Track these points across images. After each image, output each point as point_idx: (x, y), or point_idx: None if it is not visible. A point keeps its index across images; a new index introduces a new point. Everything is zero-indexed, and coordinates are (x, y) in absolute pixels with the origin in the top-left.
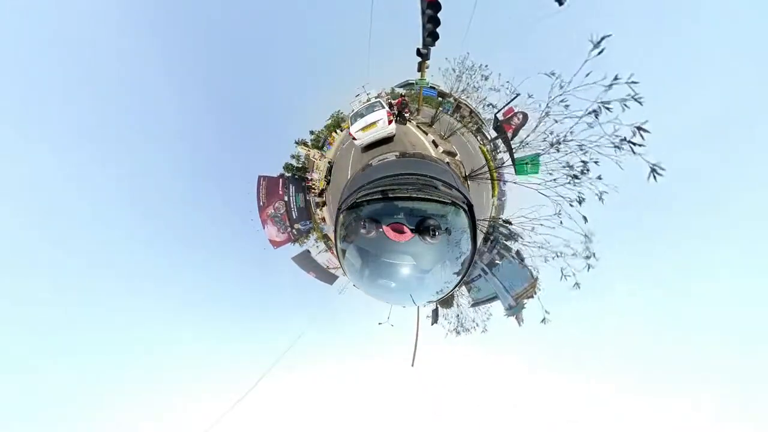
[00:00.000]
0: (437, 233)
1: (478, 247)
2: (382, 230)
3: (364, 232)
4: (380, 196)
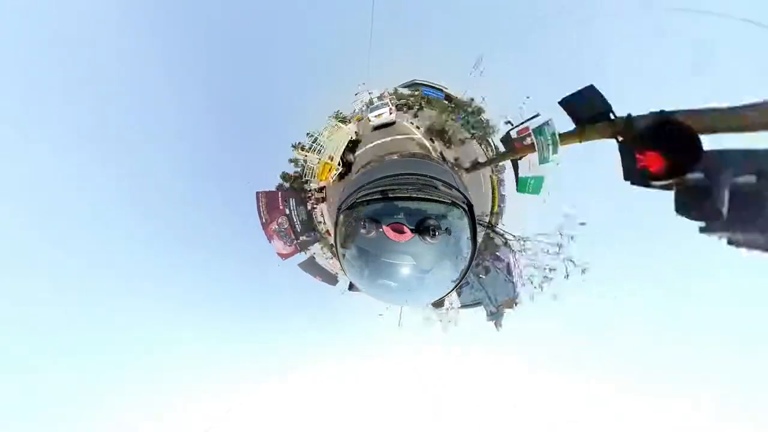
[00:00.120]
0: (437, 233)
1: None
2: (382, 230)
3: (364, 232)
4: (380, 196)
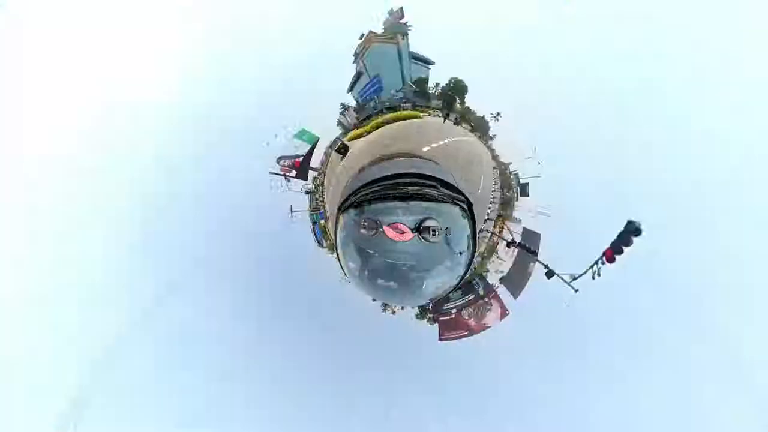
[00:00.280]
0: (437, 233)
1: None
2: (382, 230)
3: (364, 232)
4: (380, 196)
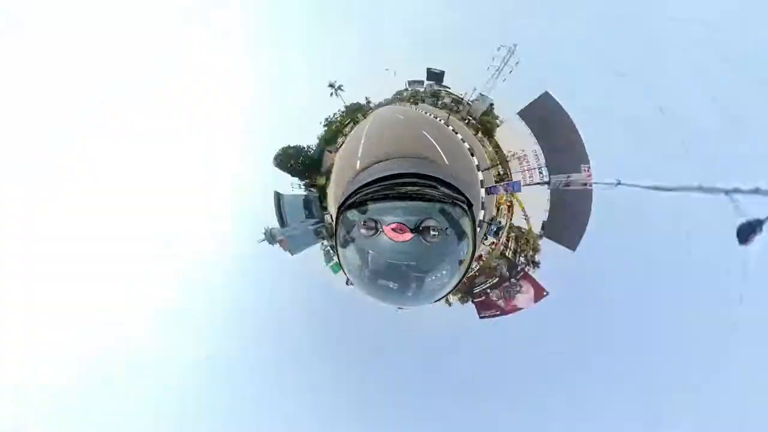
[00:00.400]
0: (437, 233)
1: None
2: (382, 230)
3: (364, 232)
4: (380, 196)
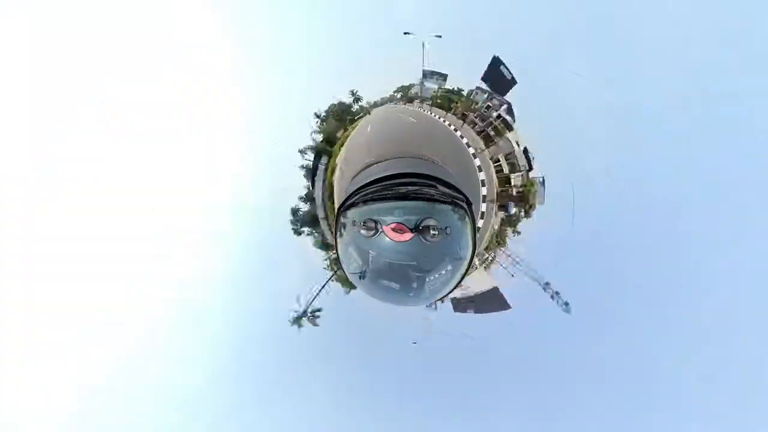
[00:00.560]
0: (437, 232)
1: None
2: (382, 231)
3: (364, 232)
4: (380, 196)
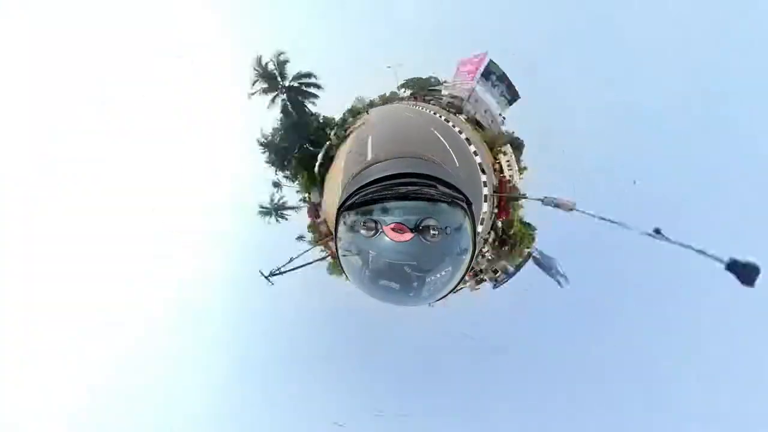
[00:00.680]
0: (437, 232)
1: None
2: (382, 231)
3: (364, 233)
4: (380, 196)
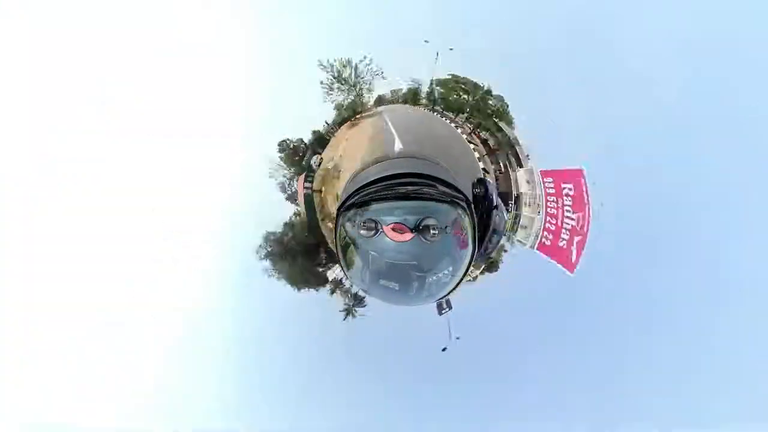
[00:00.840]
0: (437, 231)
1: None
2: (382, 231)
3: (364, 233)
4: (380, 196)
